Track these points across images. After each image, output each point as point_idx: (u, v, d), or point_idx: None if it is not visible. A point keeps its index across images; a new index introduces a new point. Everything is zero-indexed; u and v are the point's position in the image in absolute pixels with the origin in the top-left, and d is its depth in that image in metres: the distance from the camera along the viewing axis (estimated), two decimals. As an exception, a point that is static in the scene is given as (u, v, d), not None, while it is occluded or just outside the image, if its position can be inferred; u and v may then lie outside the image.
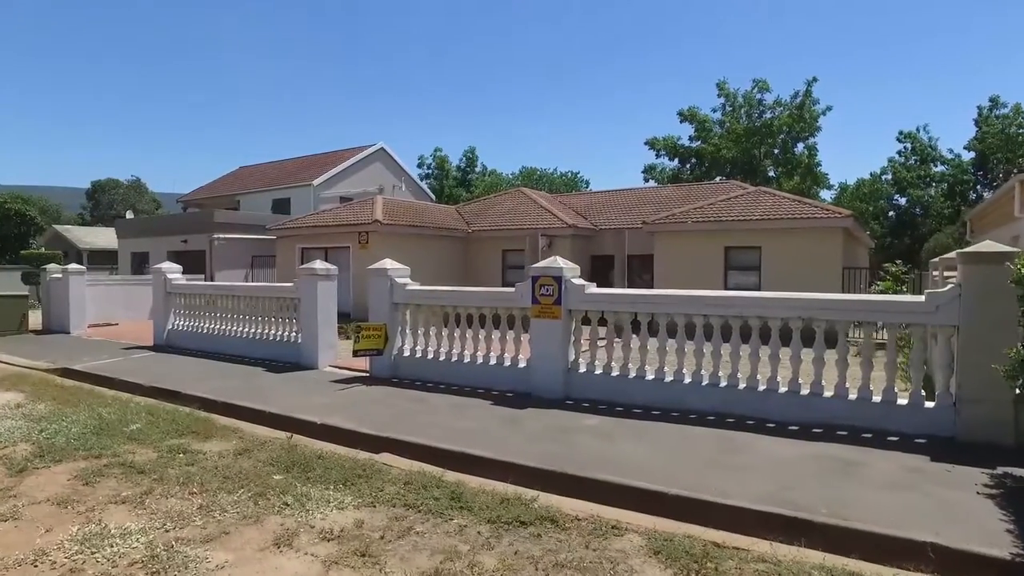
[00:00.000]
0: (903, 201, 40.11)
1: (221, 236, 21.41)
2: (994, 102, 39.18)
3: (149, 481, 5.18)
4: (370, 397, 8.20)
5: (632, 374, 7.76)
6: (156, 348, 12.75)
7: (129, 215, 39.27)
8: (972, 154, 39.88)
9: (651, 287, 17.67)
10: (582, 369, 8.07)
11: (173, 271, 13.14)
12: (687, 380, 7.44)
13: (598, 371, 7.98)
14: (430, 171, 48.15)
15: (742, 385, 7.14)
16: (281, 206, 29.70)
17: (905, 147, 43.27)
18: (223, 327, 11.99)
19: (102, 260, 33.01)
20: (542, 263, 8.24)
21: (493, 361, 8.69)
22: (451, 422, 6.96)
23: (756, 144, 35.40)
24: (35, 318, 17.03)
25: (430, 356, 9.20)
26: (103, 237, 38.01)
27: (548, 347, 8.09)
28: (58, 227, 38.84)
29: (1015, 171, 21.69)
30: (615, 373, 7.86)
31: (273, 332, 11.10)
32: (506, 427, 6.78)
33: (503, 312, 8.68)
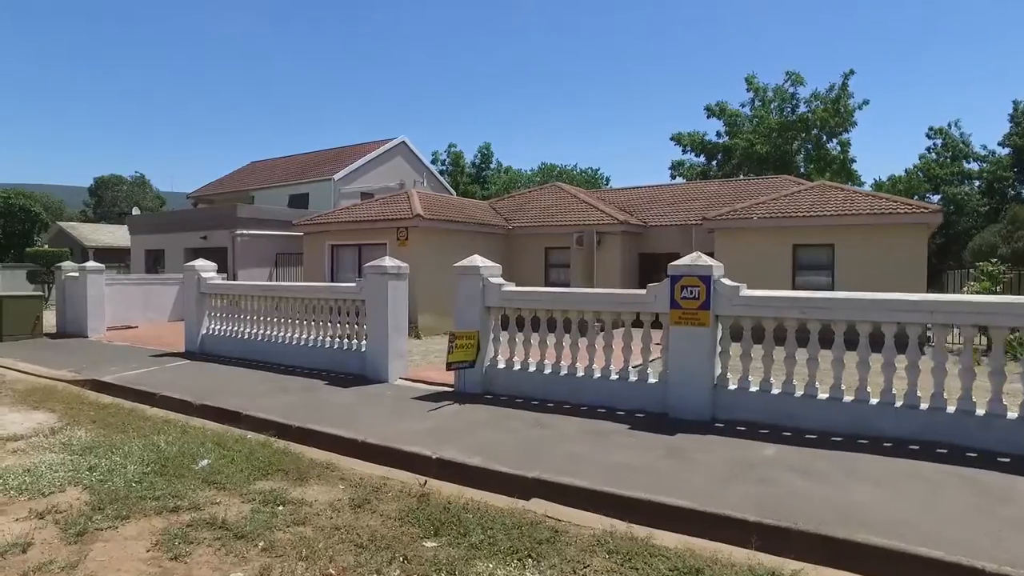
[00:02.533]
0: (936, 199, 38.85)
1: (244, 232, 19.91)
2: (1031, 96, 37.90)
3: (257, 552, 3.80)
4: (475, 420, 6.82)
5: (799, 392, 6.41)
6: (190, 355, 11.34)
7: (135, 211, 37.73)
8: (1007, 150, 38.65)
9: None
10: (732, 385, 6.72)
11: (207, 269, 11.72)
12: (874, 400, 6.10)
13: (753, 388, 6.63)
14: (444, 167, 46.69)
15: (951, 408, 5.80)
16: (299, 202, 28.24)
17: (935, 143, 42.05)
18: (268, 332, 10.59)
19: (108, 258, 31.48)
20: (685, 260, 6.88)
21: (615, 375, 7.32)
22: (598, 454, 5.59)
23: (790, 139, 34.08)
24: (48, 320, 15.57)
25: (531, 368, 7.83)
26: (109, 234, 36.54)
27: (691, 359, 6.73)
28: (63, 224, 37.26)
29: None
30: (776, 391, 6.51)
31: (332, 338, 9.70)
32: (671, 461, 5.42)
33: (627, 317, 7.32)
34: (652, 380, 7.14)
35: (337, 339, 9.67)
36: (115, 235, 36.28)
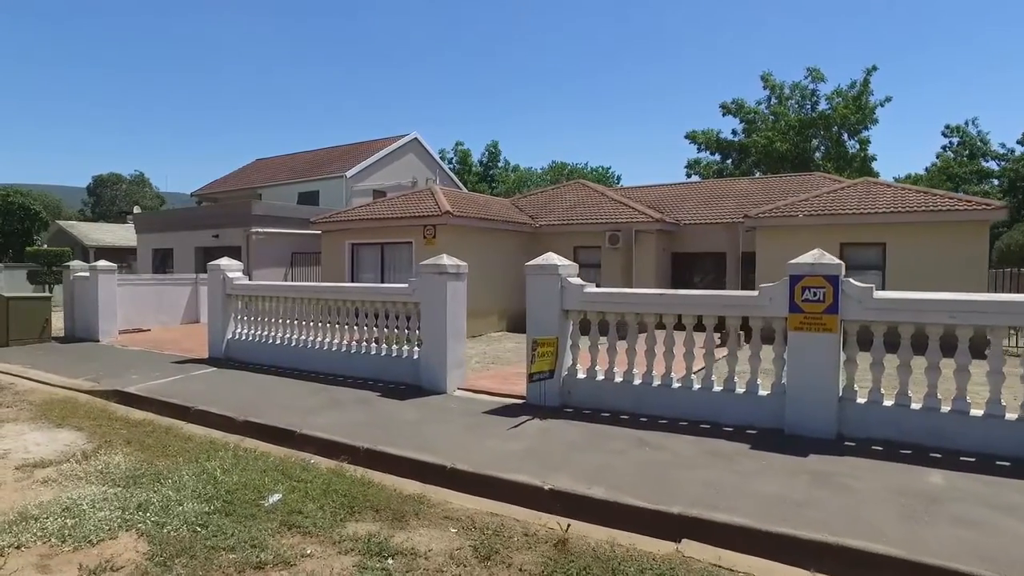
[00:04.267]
0: (955, 198, 38.23)
1: (260, 230, 18.93)
2: (1049, 94, 37.28)
3: (385, 628, 2.93)
4: (568, 439, 5.96)
5: (945, 407, 5.58)
6: (215, 362, 10.43)
7: (136, 210, 36.71)
8: (1024, 148, 37.99)
9: (739, 288, 15.56)
10: (860, 399, 5.90)
11: (234, 269, 10.83)
12: (1044, 419, 5.27)
13: (887, 402, 5.80)
14: (452, 166, 45.80)
15: None
16: (308, 200, 27.28)
17: (951, 142, 41.42)
18: (304, 337, 9.71)
19: (109, 257, 30.38)
20: (807, 258, 6.06)
21: (718, 387, 6.48)
22: (735, 481, 4.75)
23: (809, 136, 33.34)
24: (54, 322, 14.61)
25: (618, 379, 6.97)
26: (110, 233, 35.46)
27: (814, 369, 5.91)
28: (62, 223, 36.07)
29: None
30: (916, 406, 5.68)
31: (380, 344, 8.83)
32: (826, 490, 4.57)
33: (732, 322, 6.48)
34: (763, 392, 6.31)
35: (385, 345, 8.79)
36: (116, 234, 35.21)
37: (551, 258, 7.28)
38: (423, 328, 8.20)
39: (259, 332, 10.38)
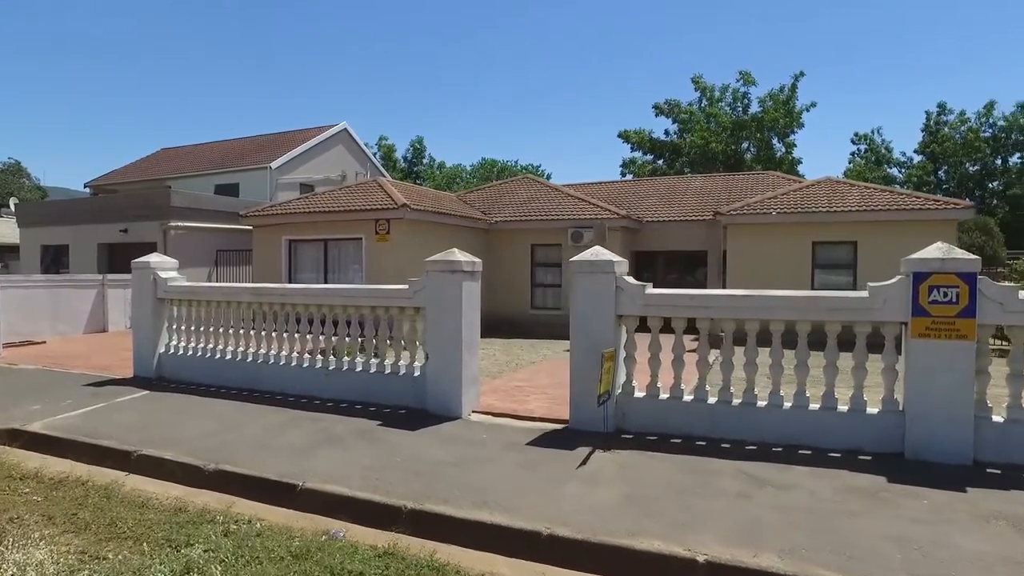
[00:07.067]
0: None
1: (180, 224, 16.36)
2: (941, 108, 40.26)
3: None
4: (662, 479, 4.68)
5: (1102, 426, 4.78)
6: (145, 383, 8.36)
7: (13, 203, 32.00)
8: (921, 157, 40.85)
9: (721, 287, 15.00)
10: (997, 418, 5.02)
11: (167, 267, 8.79)
12: None
13: (1032, 422, 4.95)
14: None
15: None
16: (227, 193, 24.50)
17: (859, 148, 43.92)
18: (265, 351, 7.90)
19: (-19, 258, 26.29)
20: (934, 252, 5.16)
21: (816, 404, 5.44)
22: (931, 536, 3.65)
23: (743, 138, 33.96)
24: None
25: (687, 398, 5.79)
26: (-20, 230, 30.64)
27: (945, 383, 4.97)
28: (-85, 217, 30.89)
29: None
30: (1069, 425, 4.86)
31: (371, 358, 7.21)
32: (1045, 549, 3.57)
33: (830, 328, 5.45)
34: (872, 410, 5.32)
35: (374, 359, 7.19)
36: (-12, 230, 30.47)
37: (600, 252, 5.99)
38: (430, 338, 6.67)
39: (203, 344, 8.42)
